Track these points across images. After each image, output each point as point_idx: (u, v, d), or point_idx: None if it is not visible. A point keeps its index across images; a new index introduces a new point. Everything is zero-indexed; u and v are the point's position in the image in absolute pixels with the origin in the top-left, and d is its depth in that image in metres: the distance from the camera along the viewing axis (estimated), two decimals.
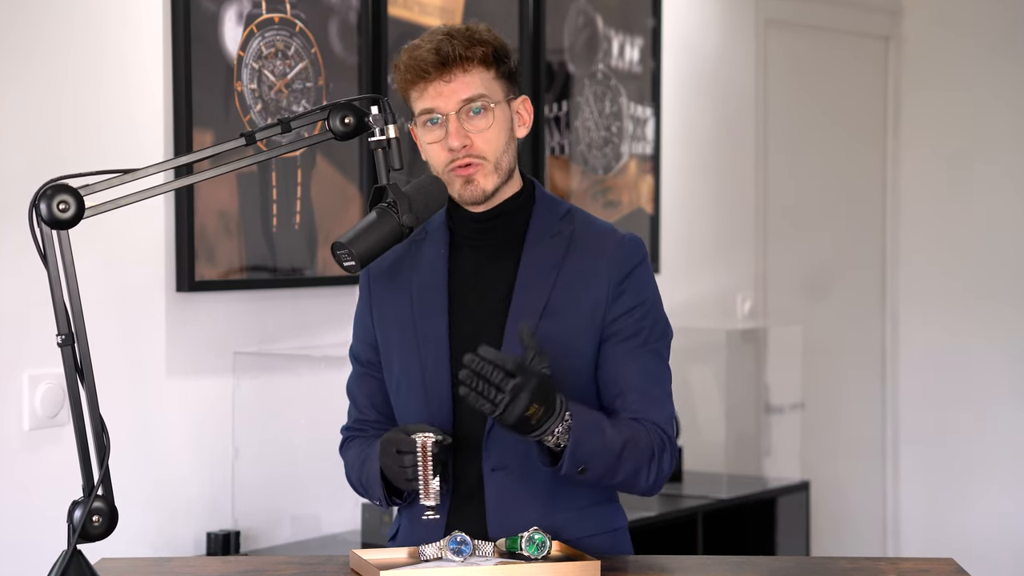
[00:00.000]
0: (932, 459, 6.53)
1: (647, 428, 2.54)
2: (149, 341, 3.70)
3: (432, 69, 2.51)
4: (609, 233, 2.62)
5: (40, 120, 3.46)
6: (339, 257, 2.45)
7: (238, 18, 3.83)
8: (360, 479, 2.63)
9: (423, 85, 2.53)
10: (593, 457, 2.46)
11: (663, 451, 2.55)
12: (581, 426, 2.44)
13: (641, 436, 2.52)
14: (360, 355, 2.71)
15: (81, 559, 2.26)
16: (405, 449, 2.45)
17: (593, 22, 5.02)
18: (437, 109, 2.53)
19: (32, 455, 3.44)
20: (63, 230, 2.25)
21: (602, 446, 2.46)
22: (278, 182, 3.94)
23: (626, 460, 2.50)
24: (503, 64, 2.57)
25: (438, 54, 2.51)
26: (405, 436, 2.46)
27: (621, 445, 2.49)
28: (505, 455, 2.55)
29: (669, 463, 2.56)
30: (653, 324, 2.60)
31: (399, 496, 2.60)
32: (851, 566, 2.55)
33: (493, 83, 2.56)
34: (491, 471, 2.55)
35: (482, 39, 2.54)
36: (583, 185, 4.99)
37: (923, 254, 6.56)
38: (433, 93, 2.53)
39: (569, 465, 2.44)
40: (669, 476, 2.61)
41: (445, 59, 2.51)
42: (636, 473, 2.52)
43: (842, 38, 6.36)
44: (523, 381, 2.34)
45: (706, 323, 5.43)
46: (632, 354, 2.56)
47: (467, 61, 2.52)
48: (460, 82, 2.52)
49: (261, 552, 3.88)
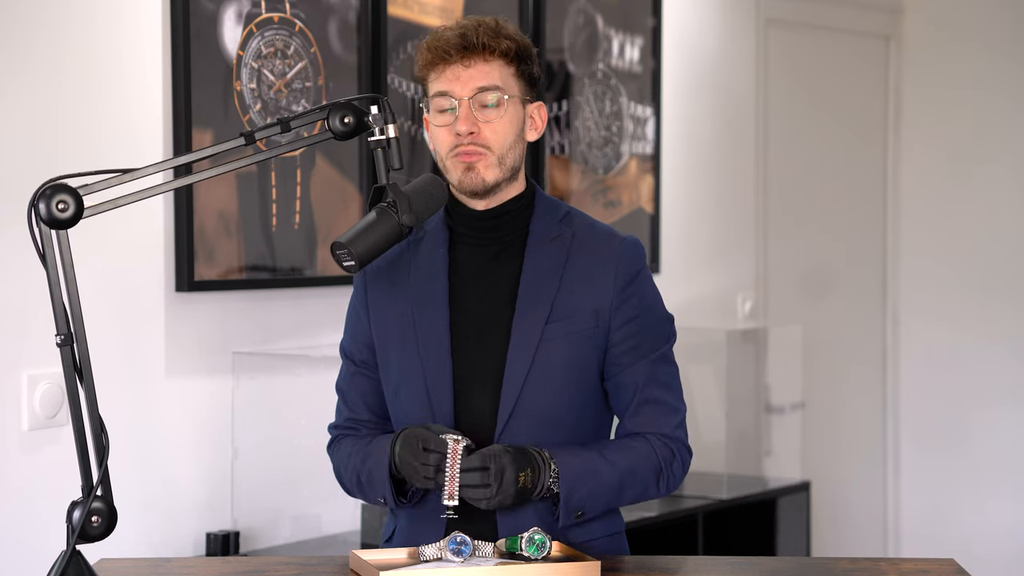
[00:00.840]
0: (933, 459, 6.53)
1: (652, 444, 2.56)
2: (148, 341, 3.69)
3: (454, 52, 2.53)
4: (610, 236, 2.62)
5: (39, 120, 3.45)
6: (338, 257, 2.45)
7: (237, 17, 3.82)
8: (358, 476, 2.61)
9: (443, 67, 2.54)
10: (590, 500, 2.51)
11: (672, 461, 2.58)
12: (570, 476, 2.49)
13: (643, 460, 2.55)
14: (353, 353, 2.70)
15: (80, 559, 2.26)
16: (433, 448, 2.44)
17: (593, 21, 5.02)
18: (451, 92, 2.54)
19: (31, 455, 3.44)
20: (62, 230, 2.25)
21: (596, 486, 2.51)
22: (277, 182, 3.93)
23: (628, 489, 2.55)
24: (524, 64, 2.58)
25: (463, 39, 2.53)
26: (433, 435, 2.45)
27: (619, 479, 2.53)
28: None
29: (681, 468, 2.60)
30: (657, 330, 2.61)
31: (404, 495, 2.58)
32: (852, 567, 2.55)
33: (511, 79, 2.57)
34: None
35: (508, 34, 2.57)
36: (583, 185, 4.98)
37: (924, 253, 6.55)
38: (451, 76, 2.54)
39: (564, 515, 2.49)
40: (683, 478, 2.63)
41: (469, 44, 2.53)
42: (644, 493, 2.57)
43: (842, 37, 6.35)
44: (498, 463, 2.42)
45: (706, 323, 5.43)
46: (638, 364, 2.58)
47: (489, 51, 2.54)
48: (478, 70, 2.54)
49: (260, 553, 3.87)
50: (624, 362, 2.57)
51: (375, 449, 2.58)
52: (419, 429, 2.49)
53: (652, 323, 2.60)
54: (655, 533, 4.58)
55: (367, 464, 2.59)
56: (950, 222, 6.51)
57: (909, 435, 6.59)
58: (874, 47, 6.53)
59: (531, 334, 2.54)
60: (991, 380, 6.41)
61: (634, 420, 2.59)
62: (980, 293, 6.44)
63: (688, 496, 4.88)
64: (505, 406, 2.54)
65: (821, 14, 6.19)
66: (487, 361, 2.56)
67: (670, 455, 2.57)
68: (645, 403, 2.58)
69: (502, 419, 2.53)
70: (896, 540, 6.56)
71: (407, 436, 2.49)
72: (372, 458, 2.58)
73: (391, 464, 2.53)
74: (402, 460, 2.49)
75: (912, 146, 6.57)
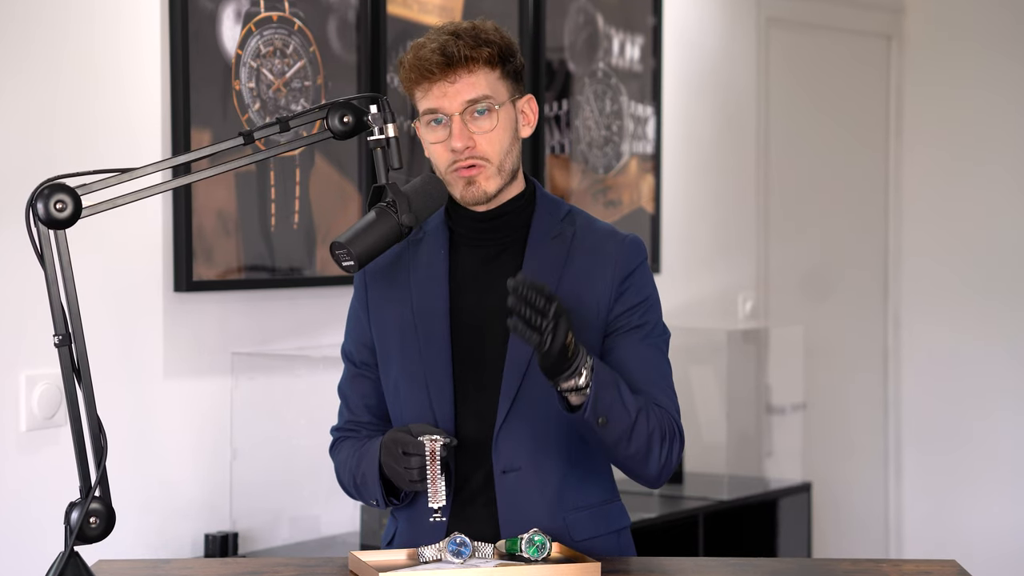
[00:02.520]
0: (935, 460, 6.52)
1: (660, 414, 2.51)
2: (147, 341, 3.69)
3: (437, 69, 2.49)
4: (611, 234, 2.62)
5: (37, 119, 3.45)
6: (338, 257, 2.45)
7: (236, 16, 3.81)
8: (354, 479, 2.61)
9: (427, 85, 2.52)
10: (612, 410, 2.42)
11: (673, 438, 2.52)
12: (601, 373, 2.41)
13: (653, 411, 2.49)
14: (354, 355, 2.69)
15: (78, 561, 2.26)
16: (412, 451, 2.43)
17: (593, 20, 5.01)
18: (441, 109, 2.51)
19: (29, 456, 3.43)
20: (60, 230, 2.25)
21: (620, 402, 2.43)
22: (276, 181, 3.93)
23: (640, 427, 2.46)
24: (509, 63, 2.55)
25: (443, 54, 2.49)
26: (411, 437, 2.44)
27: (636, 410, 2.45)
28: (515, 456, 2.54)
29: (678, 453, 2.53)
30: (656, 320, 2.60)
31: (396, 497, 2.58)
32: (853, 568, 2.54)
33: (498, 83, 2.54)
34: (502, 473, 2.54)
35: (488, 39, 2.52)
36: (583, 184, 4.97)
37: (925, 253, 6.54)
38: (437, 93, 2.51)
39: (591, 411, 2.40)
40: (675, 468, 2.59)
41: (450, 59, 2.49)
42: (648, 450, 2.49)
43: (844, 36, 6.34)
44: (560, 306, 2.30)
45: (707, 323, 5.42)
46: (637, 346, 2.56)
47: (472, 62, 2.50)
48: (464, 83, 2.51)
49: (259, 554, 3.87)
50: (621, 344, 2.55)
51: (368, 451, 2.58)
52: (399, 433, 2.48)
53: (651, 312, 2.59)
54: (656, 534, 4.57)
55: (361, 467, 2.59)
56: (952, 222, 6.50)
57: (910, 436, 6.58)
58: (875, 47, 6.52)
59: None
60: (993, 381, 6.40)
61: None
62: (982, 294, 6.43)
63: (689, 497, 4.88)
64: (503, 405, 2.53)
65: (822, 13, 6.18)
66: (487, 361, 2.56)
67: (672, 431, 2.52)
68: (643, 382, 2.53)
69: (500, 417, 2.53)
70: (898, 541, 6.55)
71: (388, 441, 2.49)
72: (365, 460, 2.58)
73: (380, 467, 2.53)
74: (387, 466, 2.50)
75: (913, 146, 6.57)
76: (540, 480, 2.54)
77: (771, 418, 5.61)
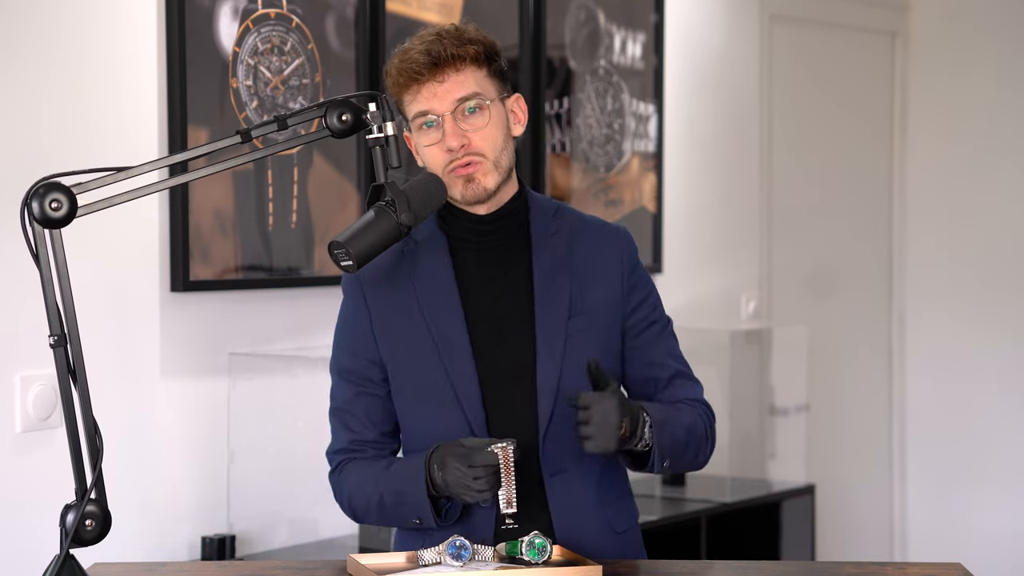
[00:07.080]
0: (940, 462, 6.51)
1: (696, 408, 2.64)
2: (143, 342, 3.68)
3: (424, 71, 2.52)
4: (602, 226, 2.69)
5: (32, 117, 3.44)
6: (336, 256, 2.44)
7: (233, 13, 3.80)
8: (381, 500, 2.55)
9: (416, 88, 2.54)
10: (673, 448, 2.55)
11: (711, 423, 2.67)
12: (659, 423, 2.52)
13: (697, 419, 2.62)
14: (354, 371, 2.63)
15: (74, 564, 2.26)
16: (481, 463, 2.41)
17: (595, 17, 4.99)
18: (432, 110, 2.53)
19: (24, 458, 3.43)
20: (55, 229, 2.25)
21: (674, 437, 2.55)
22: (274, 180, 3.91)
23: (691, 445, 2.60)
24: (494, 63, 2.58)
25: (429, 55, 2.51)
26: (478, 451, 2.42)
27: (686, 431, 2.58)
28: (562, 459, 2.57)
29: (715, 437, 2.68)
30: (662, 308, 2.71)
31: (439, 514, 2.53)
32: (857, 571, 2.55)
33: (486, 81, 2.56)
34: (551, 476, 2.56)
35: (472, 38, 2.55)
36: (584, 183, 4.96)
37: (931, 253, 6.53)
38: (427, 95, 2.53)
39: (658, 463, 2.53)
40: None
41: (437, 59, 2.52)
42: (696, 455, 2.64)
43: (848, 34, 6.33)
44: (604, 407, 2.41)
45: (709, 323, 5.42)
46: (659, 340, 2.66)
47: (459, 60, 2.53)
48: (453, 81, 2.53)
49: (257, 557, 3.87)
50: (644, 341, 2.64)
51: (402, 472, 2.53)
52: (455, 447, 2.45)
53: (658, 302, 2.69)
54: (658, 536, 4.56)
55: (393, 486, 2.53)
56: (957, 221, 6.49)
57: (915, 437, 6.57)
58: (880, 43, 6.51)
59: (556, 331, 2.56)
60: (999, 382, 6.39)
61: (669, 392, 2.65)
62: (989, 293, 6.42)
63: (691, 499, 4.88)
64: (544, 407, 2.55)
65: (826, 10, 6.17)
66: (512, 363, 2.56)
67: (710, 421, 2.66)
68: (676, 376, 2.66)
69: (543, 421, 2.54)
70: (902, 544, 6.54)
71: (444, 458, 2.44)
72: (400, 481, 2.52)
73: (428, 485, 2.48)
74: (448, 484, 2.44)
75: (918, 144, 6.55)
76: (585, 478, 2.59)
77: (774, 419, 5.61)
